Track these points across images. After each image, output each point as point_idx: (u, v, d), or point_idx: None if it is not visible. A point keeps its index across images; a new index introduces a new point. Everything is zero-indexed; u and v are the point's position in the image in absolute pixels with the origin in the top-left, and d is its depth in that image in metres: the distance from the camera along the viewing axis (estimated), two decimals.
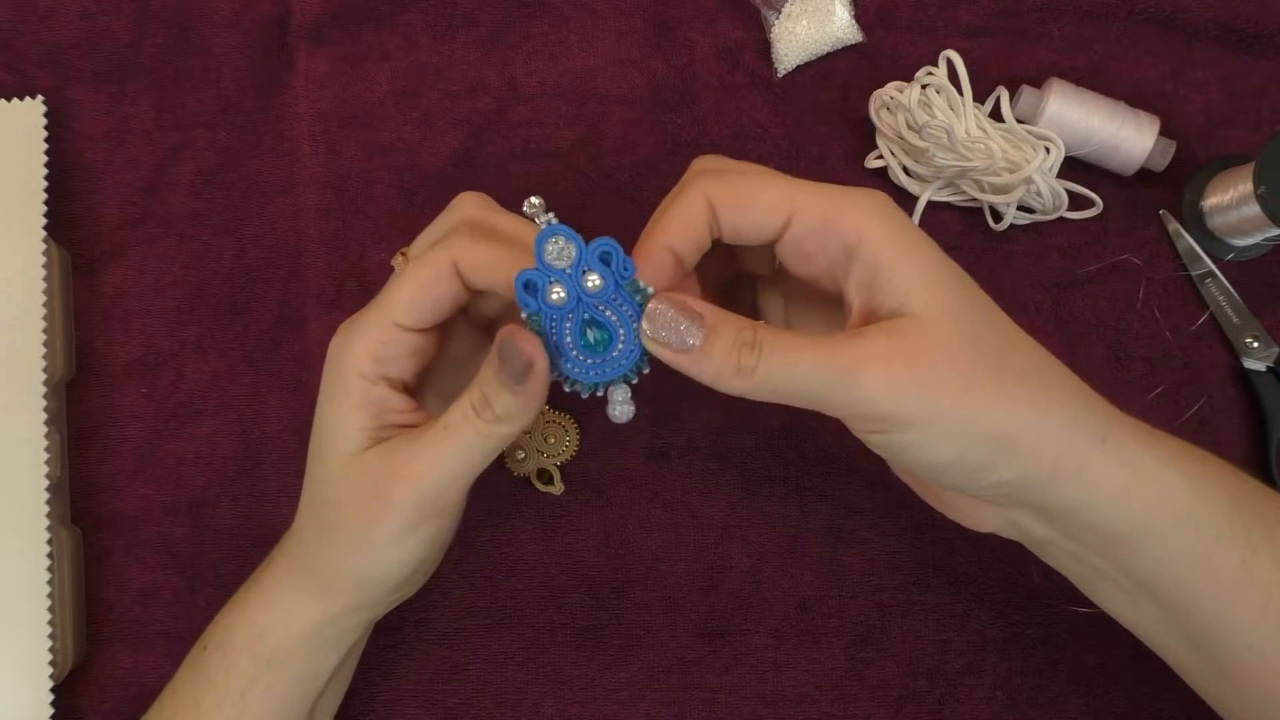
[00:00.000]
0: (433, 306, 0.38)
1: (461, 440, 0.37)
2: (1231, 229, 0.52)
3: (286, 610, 0.41)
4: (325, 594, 0.41)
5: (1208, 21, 0.55)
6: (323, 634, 0.41)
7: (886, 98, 0.53)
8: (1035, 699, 0.50)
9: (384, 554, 0.39)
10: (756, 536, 0.51)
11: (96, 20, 0.56)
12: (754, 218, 0.36)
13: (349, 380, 0.38)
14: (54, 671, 0.48)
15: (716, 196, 0.36)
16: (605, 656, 0.51)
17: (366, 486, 0.38)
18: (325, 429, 0.39)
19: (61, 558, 0.49)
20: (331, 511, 0.39)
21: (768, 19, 0.55)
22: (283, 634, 0.41)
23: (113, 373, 0.53)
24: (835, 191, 0.36)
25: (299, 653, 0.41)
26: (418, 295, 0.38)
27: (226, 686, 0.41)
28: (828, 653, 0.50)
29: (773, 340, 0.35)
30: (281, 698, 0.42)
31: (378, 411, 0.39)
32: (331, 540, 0.40)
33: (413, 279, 0.38)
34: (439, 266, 0.38)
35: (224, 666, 0.42)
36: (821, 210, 0.35)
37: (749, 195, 0.36)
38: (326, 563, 0.40)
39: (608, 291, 0.36)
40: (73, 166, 0.55)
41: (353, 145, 0.55)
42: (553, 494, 0.51)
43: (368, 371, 0.38)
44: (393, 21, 0.56)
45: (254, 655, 0.41)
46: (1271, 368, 0.52)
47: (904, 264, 0.35)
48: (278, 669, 0.41)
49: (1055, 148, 0.51)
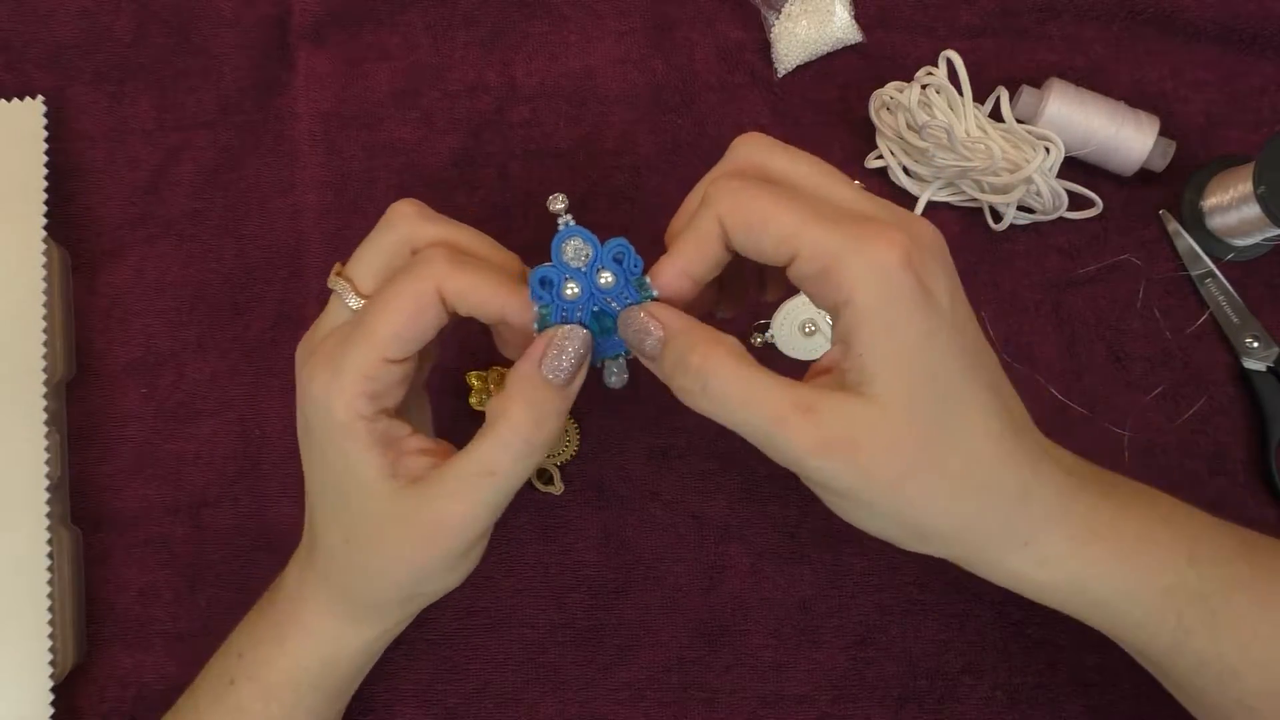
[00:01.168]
0: (419, 337, 0.37)
1: (508, 479, 0.37)
2: (1231, 229, 0.52)
3: (331, 640, 0.42)
4: (368, 620, 0.42)
5: (1208, 21, 0.55)
6: (368, 653, 0.43)
7: (886, 98, 0.53)
8: (1035, 699, 0.50)
9: (437, 581, 0.40)
10: (756, 536, 0.51)
11: (96, 20, 0.56)
12: (761, 248, 0.36)
13: (351, 425, 0.37)
14: (54, 671, 0.48)
15: (728, 221, 0.36)
16: (605, 656, 0.51)
17: (413, 528, 0.38)
18: (342, 477, 0.38)
19: (61, 558, 0.49)
20: (372, 549, 0.39)
21: (768, 19, 0.55)
22: (329, 662, 0.42)
23: (113, 373, 0.53)
24: (844, 236, 0.34)
25: (342, 675, 0.43)
26: (406, 328, 0.37)
27: (267, 715, 0.42)
28: (828, 653, 0.50)
29: (725, 374, 0.35)
30: (322, 715, 0.44)
31: (388, 445, 0.38)
32: (380, 574, 0.40)
33: (398, 311, 0.37)
34: (424, 298, 0.37)
35: (263, 698, 0.42)
36: (822, 259, 0.34)
37: (759, 225, 0.35)
38: (372, 591, 0.41)
39: (618, 288, 0.38)
40: (73, 166, 0.55)
41: (353, 145, 0.55)
42: (553, 494, 0.51)
43: (366, 411, 0.37)
44: (393, 21, 0.56)
45: (297, 685, 0.42)
46: (1271, 368, 0.52)
47: (880, 344, 0.34)
48: (321, 693, 0.43)
49: (1055, 148, 0.51)
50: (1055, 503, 0.37)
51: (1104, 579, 0.37)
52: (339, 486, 0.39)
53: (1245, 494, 0.52)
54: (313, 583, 0.42)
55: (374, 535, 0.39)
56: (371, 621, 0.42)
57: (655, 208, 0.54)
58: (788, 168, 0.37)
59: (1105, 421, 0.52)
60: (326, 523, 0.40)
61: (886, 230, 0.34)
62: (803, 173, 0.37)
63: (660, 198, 0.54)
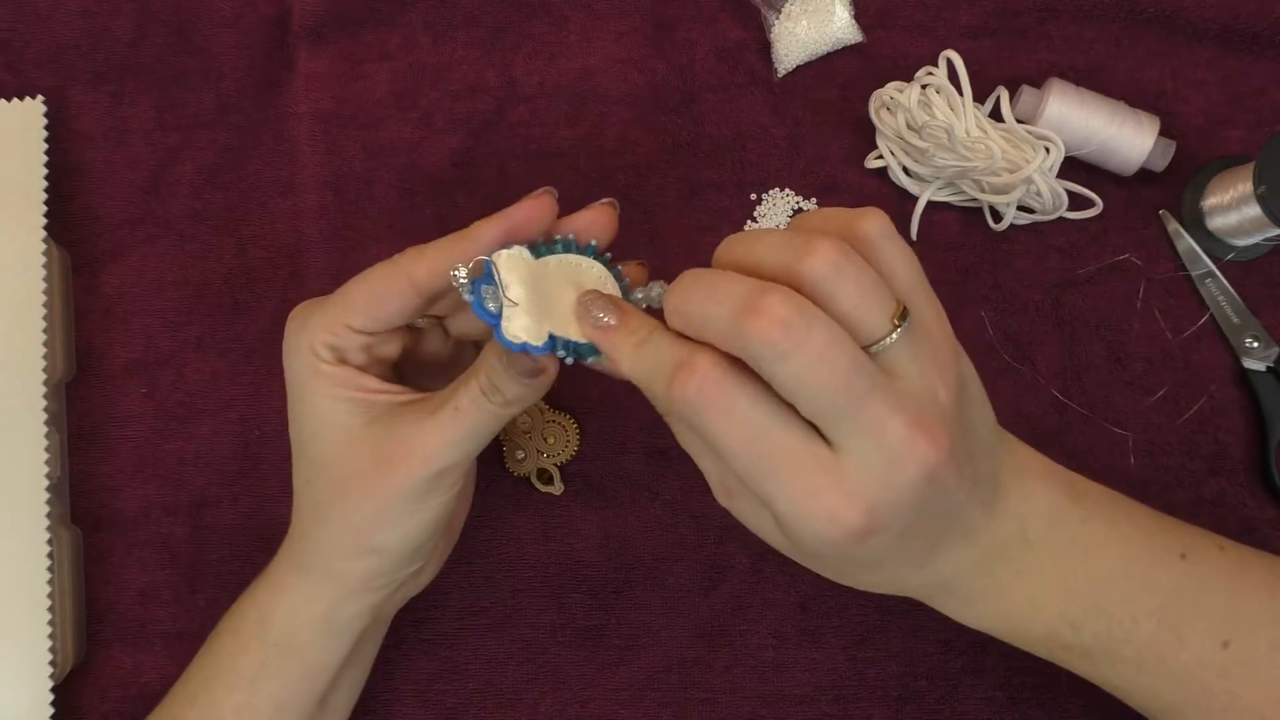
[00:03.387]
0: (381, 314, 0.39)
1: (472, 422, 0.39)
2: (1231, 229, 0.52)
3: (294, 596, 0.42)
4: (331, 578, 0.41)
5: (1208, 21, 0.55)
6: (330, 620, 0.42)
7: (886, 98, 0.53)
8: (1035, 699, 0.50)
9: (394, 524, 0.40)
10: (756, 537, 0.51)
11: (96, 20, 0.56)
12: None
13: (319, 367, 0.40)
14: (54, 671, 0.48)
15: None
16: (605, 656, 0.51)
17: (373, 461, 0.39)
18: (310, 414, 0.40)
19: (61, 558, 0.49)
20: (334, 490, 0.40)
21: (768, 19, 0.55)
22: (290, 620, 0.42)
23: (113, 373, 0.53)
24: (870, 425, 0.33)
25: (306, 639, 0.42)
26: (368, 302, 0.39)
27: (237, 671, 0.42)
28: (828, 653, 0.50)
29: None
30: (291, 686, 0.42)
31: (354, 386, 0.40)
32: (338, 519, 0.40)
33: (364, 286, 0.39)
34: (391, 281, 0.39)
35: (234, 651, 0.43)
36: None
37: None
38: (332, 543, 0.41)
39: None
40: (73, 166, 0.55)
41: (353, 145, 0.55)
42: (553, 494, 0.51)
43: (327, 356, 0.40)
44: (393, 21, 0.56)
45: (263, 641, 0.42)
46: (1271, 368, 0.52)
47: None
48: (286, 655, 0.42)
49: (1055, 148, 0.51)
50: (1006, 544, 0.38)
51: (1013, 634, 0.40)
52: (310, 431, 0.41)
53: (1245, 494, 0.52)
54: (288, 540, 0.43)
55: (334, 471, 0.40)
56: (326, 580, 0.41)
57: (655, 208, 0.54)
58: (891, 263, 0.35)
59: (1105, 421, 0.52)
60: (298, 469, 0.42)
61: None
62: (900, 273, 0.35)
63: (660, 198, 0.54)
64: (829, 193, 0.54)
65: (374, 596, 0.42)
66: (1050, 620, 0.38)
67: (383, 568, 0.41)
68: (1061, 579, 0.38)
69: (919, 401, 0.33)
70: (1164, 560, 0.39)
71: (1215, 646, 0.38)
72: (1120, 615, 0.38)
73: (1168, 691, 0.39)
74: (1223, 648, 0.38)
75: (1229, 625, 0.38)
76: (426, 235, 0.54)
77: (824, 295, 0.32)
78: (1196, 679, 0.38)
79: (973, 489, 0.36)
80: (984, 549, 0.37)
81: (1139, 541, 0.39)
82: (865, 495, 0.32)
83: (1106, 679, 0.40)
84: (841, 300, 0.32)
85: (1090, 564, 0.38)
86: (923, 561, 0.37)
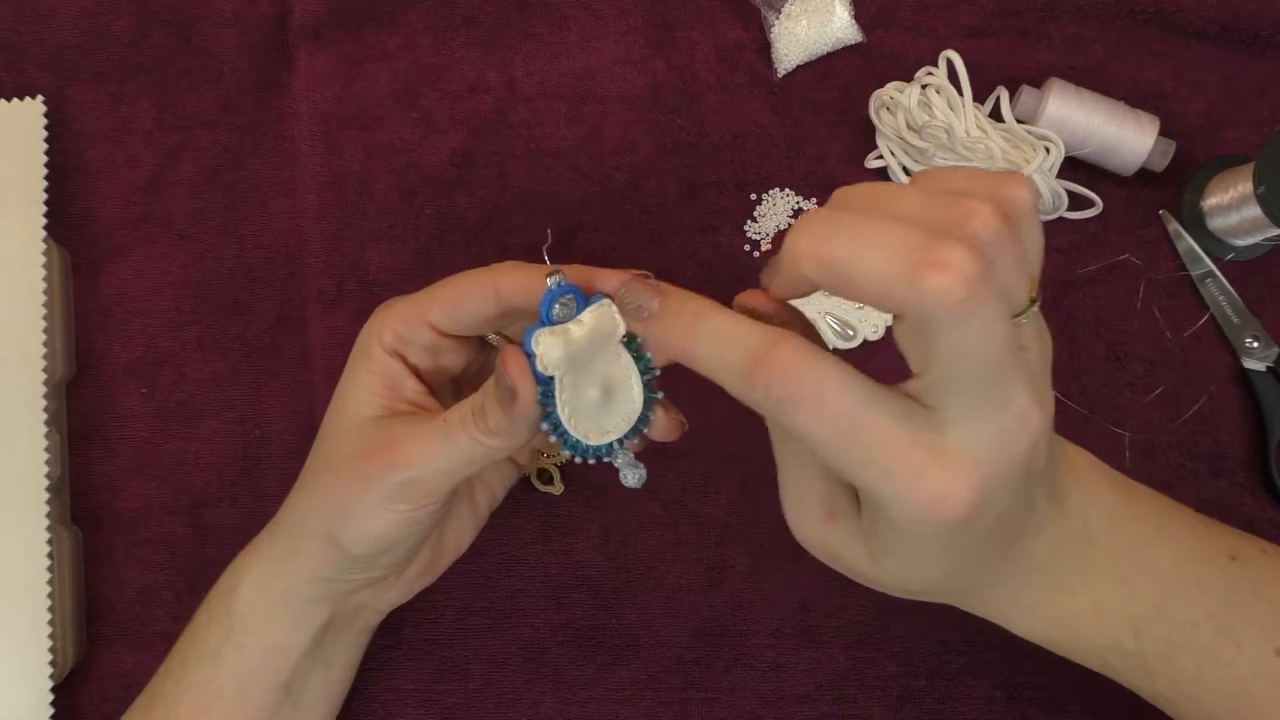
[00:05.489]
0: (463, 317, 0.40)
1: (455, 439, 0.38)
2: (1231, 229, 0.52)
3: (258, 572, 0.43)
4: (293, 556, 0.42)
5: (1208, 21, 0.55)
6: (287, 600, 0.42)
7: (886, 98, 0.53)
8: (1035, 699, 0.50)
9: (353, 520, 0.40)
10: (756, 536, 0.51)
11: (96, 20, 0.56)
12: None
13: (371, 348, 0.41)
14: (54, 671, 0.48)
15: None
16: (605, 656, 0.51)
17: (358, 450, 0.40)
18: (343, 390, 0.42)
19: (61, 558, 0.49)
20: (320, 464, 0.41)
21: (768, 19, 0.55)
22: (250, 593, 0.43)
23: (113, 373, 0.53)
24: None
25: (263, 616, 0.42)
26: (448, 301, 0.40)
27: (206, 644, 0.43)
28: (828, 653, 0.50)
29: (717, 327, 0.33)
30: (252, 665, 0.42)
31: (391, 382, 0.41)
32: (310, 492, 0.42)
33: (451, 284, 0.40)
34: (477, 285, 0.40)
35: (206, 621, 0.43)
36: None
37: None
38: (301, 512, 0.42)
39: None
40: (73, 166, 0.55)
41: (353, 145, 0.55)
42: (553, 494, 0.51)
43: (387, 342, 0.41)
44: (393, 21, 0.56)
45: (227, 611, 0.43)
46: (1271, 368, 0.52)
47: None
48: (245, 631, 0.42)
49: (1055, 148, 0.51)
50: (1057, 557, 0.38)
51: (1063, 638, 0.39)
52: (337, 401, 0.42)
53: (1245, 494, 0.52)
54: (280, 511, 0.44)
55: (328, 447, 0.41)
56: (291, 563, 0.42)
57: (655, 208, 0.54)
58: None
59: (1105, 421, 0.52)
60: (314, 443, 0.43)
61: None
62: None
63: (660, 198, 0.54)
64: (829, 193, 0.54)
65: (327, 587, 0.42)
66: (1114, 625, 0.37)
67: (333, 558, 0.41)
68: (1122, 580, 0.37)
69: (1037, 377, 0.32)
70: (1216, 562, 0.38)
71: (1269, 653, 0.36)
72: (1179, 619, 0.37)
73: (1217, 705, 0.37)
74: (1275, 655, 0.36)
75: (1278, 631, 0.37)
76: (426, 235, 0.54)
77: (985, 262, 0.29)
78: (1248, 689, 0.37)
79: (1049, 475, 0.35)
80: (1052, 544, 0.36)
81: (1188, 542, 0.38)
82: (976, 470, 0.30)
83: (1158, 692, 0.38)
84: (1000, 270, 0.30)
85: (1148, 564, 0.37)
86: (1004, 553, 0.35)
